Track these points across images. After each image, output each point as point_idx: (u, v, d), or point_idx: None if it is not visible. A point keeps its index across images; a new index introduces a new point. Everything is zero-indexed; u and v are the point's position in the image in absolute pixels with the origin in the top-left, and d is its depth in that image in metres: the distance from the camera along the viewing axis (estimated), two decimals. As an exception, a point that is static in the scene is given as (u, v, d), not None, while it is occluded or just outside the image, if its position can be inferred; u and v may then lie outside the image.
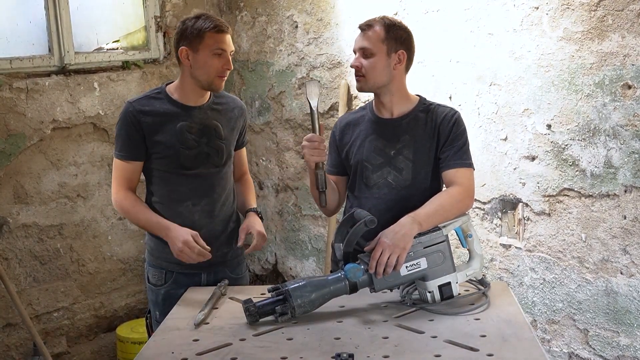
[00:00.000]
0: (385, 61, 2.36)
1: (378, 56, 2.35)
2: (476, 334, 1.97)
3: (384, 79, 2.38)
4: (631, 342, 2.95)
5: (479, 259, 2.30)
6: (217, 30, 2.44)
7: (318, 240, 4.27)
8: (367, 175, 2.43)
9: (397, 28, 2.38)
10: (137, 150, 2.52)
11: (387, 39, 2.35)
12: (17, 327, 3.70)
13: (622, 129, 2.86)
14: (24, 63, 3.68)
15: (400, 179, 2.39)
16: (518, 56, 3.16)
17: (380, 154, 2.41)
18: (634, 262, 2.90)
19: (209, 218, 2.59)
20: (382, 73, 2.36)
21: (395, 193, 2.39)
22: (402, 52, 2.38)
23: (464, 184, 2.34)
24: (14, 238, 3.68)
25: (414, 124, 2.40)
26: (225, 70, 2.49)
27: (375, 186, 2.41)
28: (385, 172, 2.40)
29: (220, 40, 2.45)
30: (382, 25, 2.36)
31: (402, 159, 2.39)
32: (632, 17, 2.77)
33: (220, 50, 2.45)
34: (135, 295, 4.23)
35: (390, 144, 2.40)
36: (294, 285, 2.11)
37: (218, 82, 2.51)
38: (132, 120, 2.49)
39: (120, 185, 2.57)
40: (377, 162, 2.41)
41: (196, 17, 2.47)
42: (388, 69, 2.37)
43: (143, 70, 4.15)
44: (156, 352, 1.97)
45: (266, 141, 4.47)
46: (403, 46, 2.39)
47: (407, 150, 2.39)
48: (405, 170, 2.38)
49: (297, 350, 1.93)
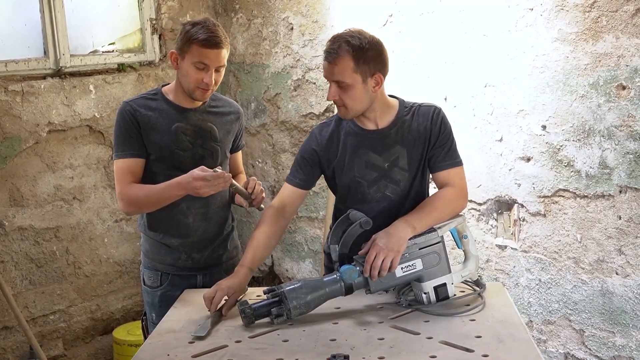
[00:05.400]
0: (364, 88, 2.22)
1: (354, 87, 2.20)
2: (472, 335, 1.97)
3: (366, 104, 2.26)
4: (627, 342, 2.95)
5: (474, 260, 2.30)
6: (205, 44, 2.37)
7: (314, 242, 4.27)
8: (362, 191, 2.34)
9: (366, 50, 2.18)
10: (137, 147, 2.49)
11: (358, 66, 2.18)
12: (14, 330, 3.69)
13: (617, 130, 2.87)
14: (19, 66, 3.67)
15: (398, 190, 2.34)
16: (513, 57, 3.17)
17: (373, 169, 2.32)
18: (629, 262, 2.90)
19: (203, 220, 2.59)
20: (363, 100, 2.24)
21: (394, 205, 2.34)
22: (379, 75, 2.23)
23: (457, 184, 2.31)
24: (10, 241, 3.68)
25: (402, 131, 2.32)
26: (205, 84, 2.42)
27: (374, 200, 2.34)
28: (382, 186, 2.33)
29: (204, 54, 2.38)
30: (349, 54, 2.17)
31: (398, 171, 2.32)
32: (626, 18, 2.78)
33: (201, 64, 2.39)
34: (132, 298, 4.23)
35: (383, 157, 2.32)
36: (290, 287, 2.11)
37: (199, 93, 2.46)
38: (129, 117, 2.48)
39: (125, 184, 2.47)
40: (371, 177, 2.32)
41: (194, 24, 2.42)
42: (367, 94, 2.24)
43: (139, 73, 4.15)
44: (152, 354, 1.97)
45: (262, 143, 4.47)
46: (377, 67, 2.22)
47: (401, 160, 2.32)
48: (403, 182, 2.33)
49: (292, 351, 1.93)
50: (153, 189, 2.44)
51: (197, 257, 2.60)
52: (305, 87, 4.15)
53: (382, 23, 3.63)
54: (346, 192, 2.38)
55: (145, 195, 2.44)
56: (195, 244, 2.60)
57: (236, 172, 2.80)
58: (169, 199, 2.43)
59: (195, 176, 2.29)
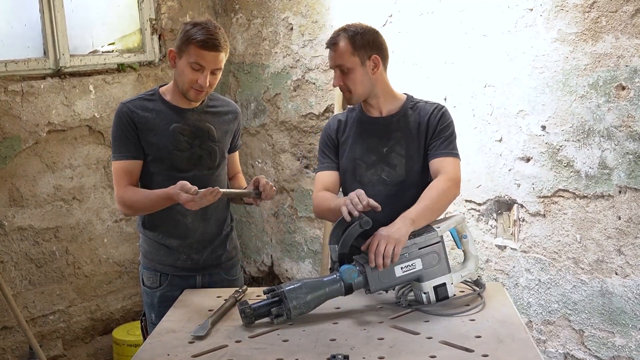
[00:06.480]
0: (363, 71, 2.39)
1: (354, 69, 2.38)
2: (471, 335, 1.97)
3: (368, 87, 2.42)
4: (626, 343, 2.95)
5: (474, 260, 2.30)
6: (203, 46, 2.38)
7: (314, 242, 4.27)
8: (360, 173, 2.47)
9: (361, 34, 2.38)
10: (135, 149, 2.49)
11: (355, 49, 2.37)
12: (13, 330, 3.69)
13: (617, 130, 2.87)
14: (19, 66, 3.67)
15: (394, 174, 2.43)
16: (512, 57, 3.17)
17: (373, 152, 2.45)
18: (629, 262, 2.90)
19: (202, 221, 2.59)
20: (364, 83, 2.40)
21: (389, 189, 2.43)
22: (375, 57, 2.40)
23: (449, 172, 2.35)
24: (10, 241, 3.68)
25: (404, 121, 2.45)
26: (199, 85, 2.43)
27: (370, 183, 2.44)
28: (378, 169, 2.44)
29: (201, 56, 2.39)
30: (346, 39, 2.37)
31: (395, 155, 2.44)
32: (626, 19, 2.79)
33: (197, 65, 2.40)
34: (132, 298, 4.23)
35: (382, 142, 2.45)
36: (290, 287, 2.11)
37: (192, 93, 2.46)
38: (127, 119, 2.49)
39: (121, 186, 2.49)
40: (370, 160, 2.45)
41: (195, 25, 2.42)
42: (367, 77, 2.40)
43: (138, 73, 4.15)
44: (152, 354, 1.97)
45: (262, 143, 4.47)
46: (373, 50, 2.40)
47: (399, 146, 2.43)
48: (399, 167, 2.43)
49: (292, 351, 1.93)
50: (146, 196, 2.46)
51: (196, 258, 2.60)
52: (304, 87, 4.15)
53: (382, 23, 3.63)
54: (345, 174, 2.50)
55: (139, 201, 2.47)
56: (195, 245, 2.59)
57: (234, 172, 2.80)
58: (161, 207, 2.47)
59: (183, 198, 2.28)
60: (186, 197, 2.28)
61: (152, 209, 2.50)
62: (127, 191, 2.48)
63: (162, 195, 2.39)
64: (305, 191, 4.26)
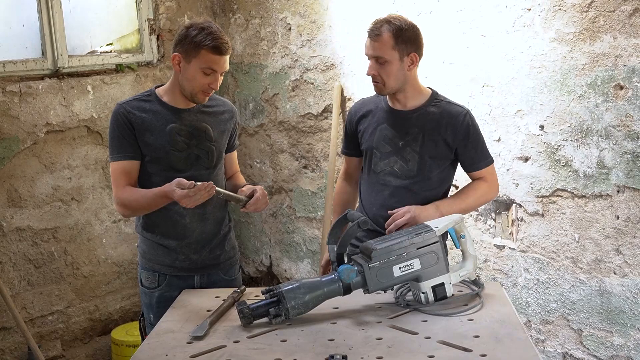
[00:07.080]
0: (399, 66, 2.45)
1: (392, 63, 2.44)
2: (470, 335, 1.98)
3: (401, 82, 2.49)
4: (625, 342, 2.95)
5: (472, 259, 2.30)
6: (215, 51, 2.40)
7: (312, 242, 4.27)
8: (375, 161, 2.56)
9: (405, 30, 2.44)
10: (132, 149, 2.49)
11: (397, 44, 2.43)
12: (12, 331, 3.69)
13: (615, 130, 2.87)
14: (17, 66, 3.67)
15: (406, 169, 2.52)
16: (510, 57, 3.17)
17: (389, 143, 2.54)
18: (627, 262, 2.91)
19: (200, 221, 2.59)
20: (398, 77, 2.47)
21: (400, 181, 2.53)
22: (414, 55, 2.47)
23: (488, 179, 2.57)
24: (8, 242, 3.67)
25: (424, 118, 2.52)
26: (210, 89, 2.46)
27: (382, 172, 2.55)
28: (392, 161, 2.53)
29: (214, 61, 2.41)
30: (389, 32, 2.43)
31: (410, 151, 2.51)
32: (624, 18, 2.79)
33: (210, 70, 2.42)
34: (130, 298, 4.22)
35: (400, 135, 2.53)
36: (288, 287, 2.11)
37: (201, 96, 2.49)
38: (123, 120, 2.49)
39: (120, 187, 2.49)
40: (385, 150, 2.54)
41: (201, 29, 2.41)
42: (402, 72, 2.47)
43: (137, 73, 4.15)
44: (150, 354, 1.97)
45: (260, 143, 4.47)
46: (413, 47, 2.46)
47: (414, 142, 2.51)
48: (412, 162, 2.51)
49: (291, 351, 1.93)
50: (143, 196, 2.45)
51: (194, 258, 2.60)
52: (303, 87, 4.15)
53: (380, 23, 3.63)
54: (363, 162, 2.64)
55: (136, 201, 2.47)
56: (193, 245, 2.59)
57: (232, 172, 2.80)
58: (158, 206, 2.47)
59: (177, 194, 2.28)
60: (181, 193, 2.27)
61: (149, 208, 2.49)
62: (125, 192, 2.48)
63: (159, 193, 2.39)
64: (304, 191, 4.26)
